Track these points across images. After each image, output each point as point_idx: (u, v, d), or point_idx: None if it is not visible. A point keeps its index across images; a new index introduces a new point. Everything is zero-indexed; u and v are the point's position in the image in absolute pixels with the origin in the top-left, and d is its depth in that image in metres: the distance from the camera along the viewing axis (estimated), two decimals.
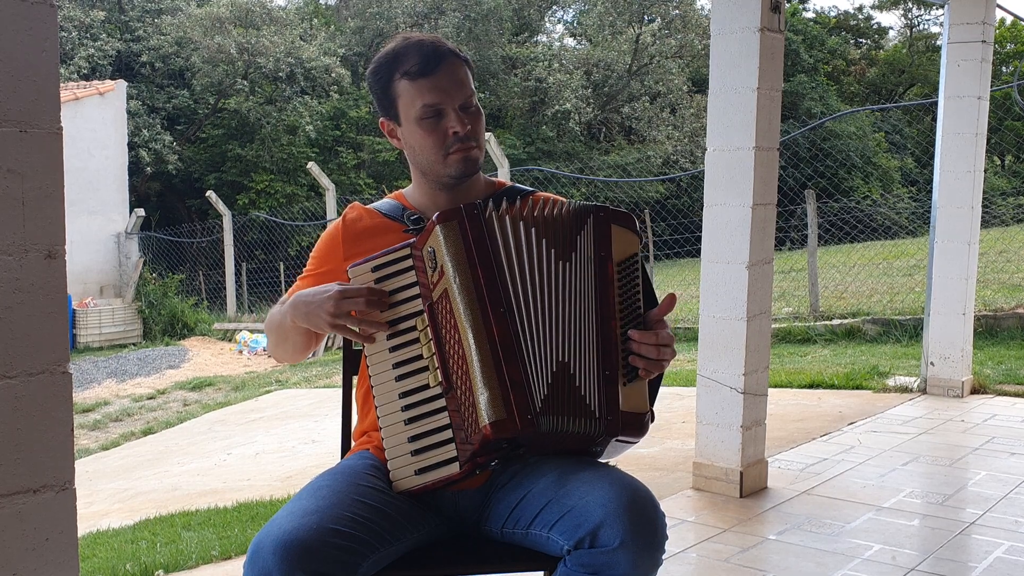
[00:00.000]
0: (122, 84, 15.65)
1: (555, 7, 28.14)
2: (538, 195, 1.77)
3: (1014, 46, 26.77)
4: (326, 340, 1.83)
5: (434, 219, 1.56)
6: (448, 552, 1.63)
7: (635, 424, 1.54)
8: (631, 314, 1.57)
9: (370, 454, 1.70)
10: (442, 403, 1.54)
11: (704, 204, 3.43)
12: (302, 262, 1.86)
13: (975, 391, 5.19)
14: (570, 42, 27.56)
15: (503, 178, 9.11)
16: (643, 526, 1.44)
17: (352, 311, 1.57)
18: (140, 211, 15.37)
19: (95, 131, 14.65)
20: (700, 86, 22.40)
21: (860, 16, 32.40)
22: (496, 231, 1.55)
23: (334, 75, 20.99)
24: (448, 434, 1.53)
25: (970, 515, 3.21)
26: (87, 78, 17.86)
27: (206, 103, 20.64)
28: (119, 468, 6.74)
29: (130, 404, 9.59)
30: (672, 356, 1.58)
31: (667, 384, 6.07)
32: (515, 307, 1.52)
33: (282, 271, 14.97)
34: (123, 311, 14.22)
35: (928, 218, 5.34)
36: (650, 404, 1.61)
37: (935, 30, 29.79)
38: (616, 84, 23.59)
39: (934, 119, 5.24)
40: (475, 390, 1.49)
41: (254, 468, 5.74)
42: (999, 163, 22.59)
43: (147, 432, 8.23)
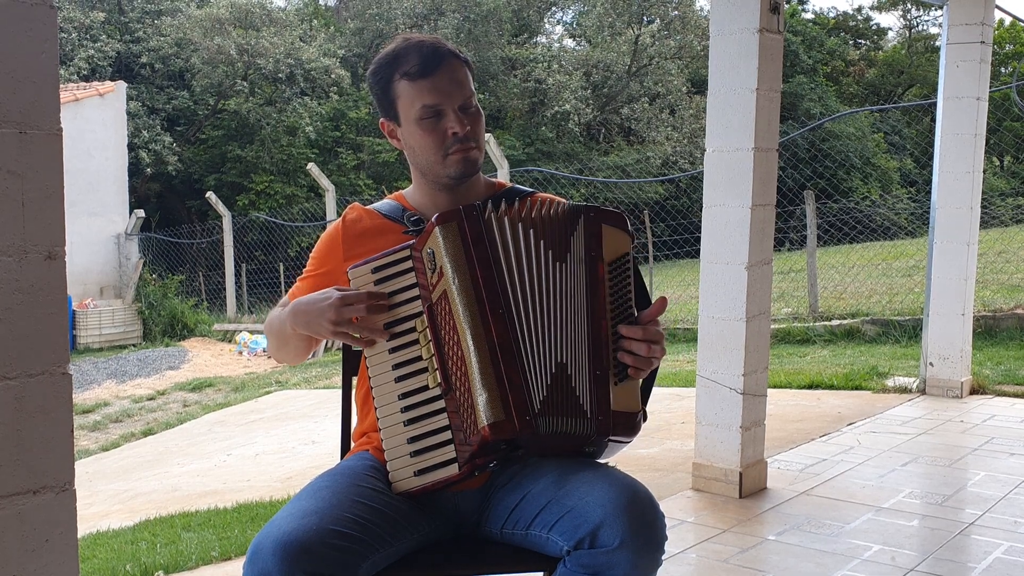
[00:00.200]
0: (122, 85, 15.64)
1: (554, 8, 28.15)
2: (538, 196, 1.78)
3: (1013, 47, 26.79)
4: (326, 341, 1.83)
5: (433, 220, 1.56)
6: (448, 553, 1.63)
7: (627, 424, 1.54)
8: (622, 313, 1.57)
9: (370, 455, 1.70)
10: (441, 404, 1.54)
11: (703, 205, 3.43)
12: (302, 263, 1.86)
13: (974, 392, 5.19)
14: (569, 43, 27.58)
15: (503, 179, 9.11)
16: (643, 526, 1.44)
17: (353, 317, 1.58)
18: (140, 212, 15.37)
19: (95, 132, 14.65)
20: (699, 87, 22.41)
21: (859, 17, 32.42)
22: (495, 232, 1.55)
23: (334, 76, 20.99)
24: (447, 435, 1.54)
25: (969, 515, 3.22)
26: (87, 79, 17.85)
27: (206, 104, 20.64)
28: (119, 469, 6.74)
29: (130, 405, 9.59)
30: (662, 354, 1.57)
31: (666, 384, 6.09)
32: (514, 308, 1.52)
33: (282, 272, 14.97)
34: (123, 312, 14.22)
35: (927, 219, 5.34)
36: (643, 404, 1.61)
37: (934, 31, 29.81)
38: (615, 85, 23.60)
39: (933, 120, 5.25)
40: (474, 391, 1.49)
41: (254, 469, 5.74)
42: (998, 164, 22.59)
43: (147, 433, 8.23)
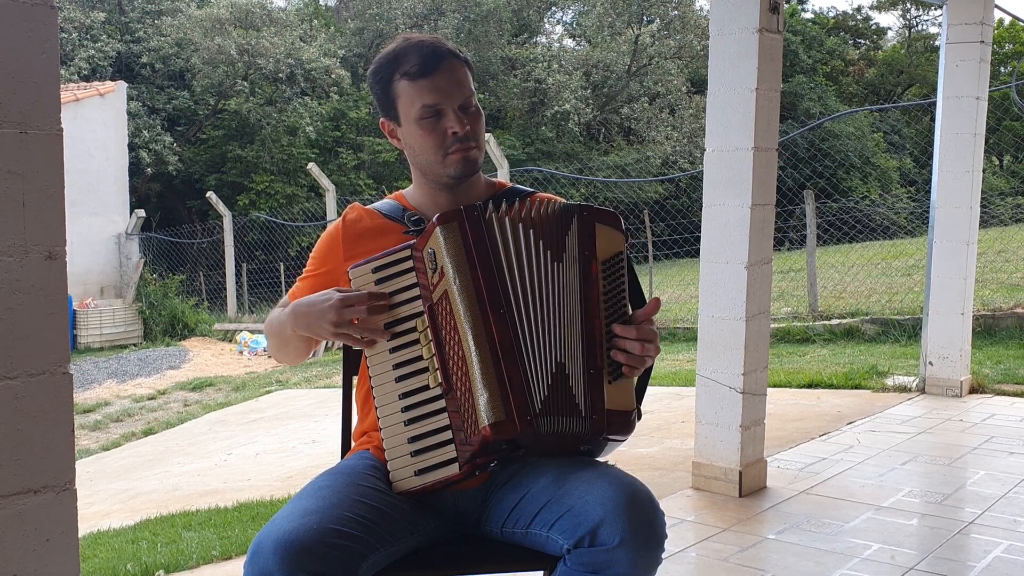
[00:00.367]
0: (122, 85, 15.65)
1: (554, 8, 28.15)
2: (537, 196, 1.78)
3: (1012, 46, 26.79)
4: (326, 341, 1.83)
5: (434, 220, 1.56)
6: (448, 552, 1.64)
7: (621, 422, 1.54)
8: (616, 312, 1.57)
9: (370, 454, 1.70)
10: (442, 404, 1.55)
11: (703, 204, 3.43)
12: (302, 263, 1.86)
13: (974, 391, 5.19)
14: (569, 43, 27.57)
15: (502, 179, 9.11)
16: (642, 524, 1.44)
17: (354, 319, 1.58)
18: (140, 212, 15.37)
19: (95, 132, 14.65)
20: (699, 87, 22.40)
21: (858, 17, 32.42)
22: (495, 232, 1.55)
23: (334, 76, 20.99)
24: (448, 435, 1.54)
25: (969, 514, 3.22)
26: (87, 79, 17.86)
27: (206, 104, 20.64)
28: (120, 468, 6.75)
29: (131, 404, 9.60)
30: (656, 352, 1.58)
31: (666, 384, 6.09)
32: (514, 309, 1.53)
33: (282, 272, 14.98)
34: (123, 312, 14.22)
35: (927, 218, 5.34)
36: (638, 403, 1.62)
37: (934, 30, 29.80)
38: (615, 85, 23.60)
39: (932, 119, 5.25)
40: (475, 391, 1.49)
41: (254, 468, 5.74)
42: (997, 163, 22.59)
43: (148, 432, 8.23)
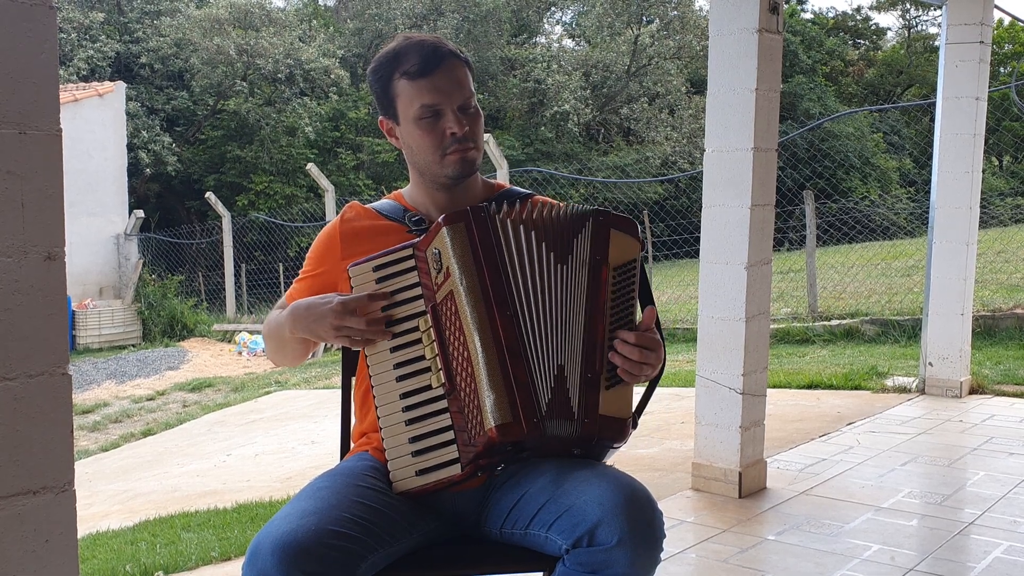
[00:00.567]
0: (121, 86, 15.65)
1: (554, 8, 28.17)
2: (536, 198, 1.78)
3: (1012, 47, 26.80)
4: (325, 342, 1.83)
5: (440, 220, 1.56)
6: (447, 553, 1.63)
7: (614, 429, 1.54)
8: (623, 319, 1.57)
9: (369, 455, 1.70)
10: (444, 404, 1.54)
11: (703, 205, 3.43)
12: (301, 263, 1.85)
13: (973, 391, 5.19)
14: (569, 43, 27.58)
15: (502, 179, 9.11)
16: (641, 524, 1.44)
17: (354, 321, 1.58)
18: (139, 212, 15.38)
19: (94, 133, 14.65)
20: (699, 87, 22.42)
21: (858, 17, 32.44)
22: (501, 234, 1.55)
23: (333, 76, 21.00)
24: (450, 435, 1.53)
25: (969, 515, 3.22)
26: (86, 80, 17.86)
27: (205, 104, 20.64)
28: (118, 469, 6.74)
29: (129, 405, 9.59)
30: (657, 361, 1.57)
31: (666, 384, 6.09)
32: (519, 310, 1.53)
33: (281, 272, 14.98)
34: (122, 312, 14.22)
35: (926, 218, 5.34)
36: (637, 413, 1.61)
37: (933, 31, 29.81)
38: (615, 85, 23.60)
39: (932, 120, 5.25)
40: (481, 392, 1.48)
41: (253, 469, 5.74)
42: (997, 163, 22.61)
43: (146, 433, 8.22)
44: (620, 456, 1.65)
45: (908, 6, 30.64)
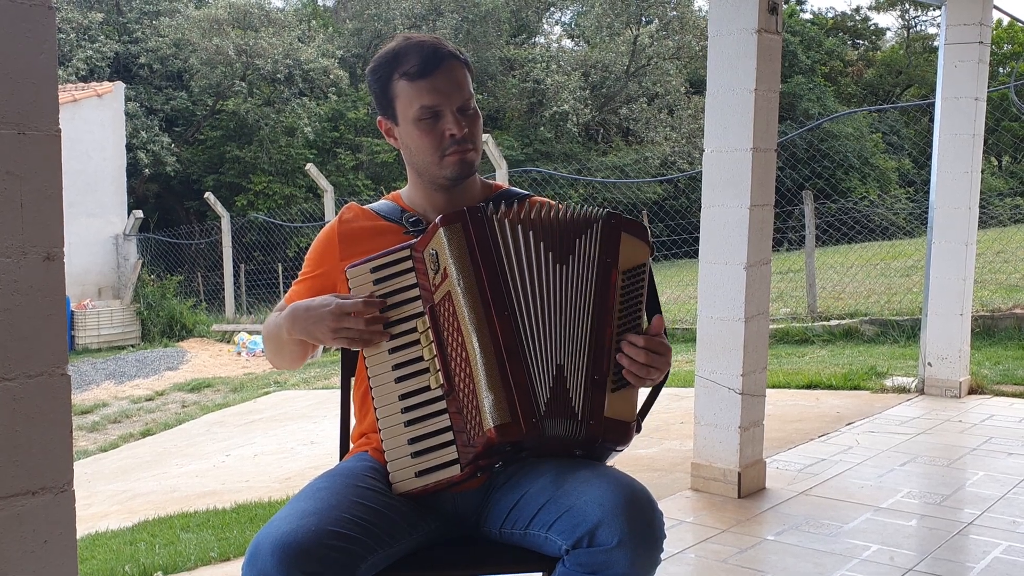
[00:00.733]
0: (120, 86, 15.64)
1: (553, 9, 28.17)
2: (535, 199, 1.78)
3: (1011, 47, 26.81)
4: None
5: (437, 221, 1.56)
6: (447, 553, 1.63)
7: (618, 431, 1.54)
8: (630, 323, 1.57)
9: (368, 456, 1.70)
10: (443, 405, 1.54)
11: (702, 205, 3.43)
12: (300, 263, 1.85)
13: (972, 391, 5.19)
14: (568, 44, 27.59)
15: (501, 179, 9.11)
16: (641, 525, 1.44)
17: (352, 323, 1.58)
18: (138, 213, 15.37)
19: (93, 133, 14.65)
20: (698, 87, 22.41)
21: (857, 17, 32.44)
22: (498, 234, 1.55)
23: (332, 77, 21.00)
24: (449, 436, 1.53)
25: (968, 515, 3.22)
26: (85, 80, 17.85)
27: (204, 105, 20.64)
28: (117, 470, 6.74)
29: (128, 406, 9.59)
30: (665, 366, 1.57)
31: (665, 384, 6.07)
32: (517, 310, 1.53)
33: (280, 272, 14.97)
34: (121, 313, 14.21)
35: (925, 219, 5.34)
36: (641, 416, 1.61)
37: (932, 31, 29.82)
38: (614, 85, 23.61)
39: (931, 120, 5.25)
40: (479, 393, 1.49)
41: (253, 469, 5.74)
42: (996, 164, 22.62)
43: (145, 434, 8.22)
44: (619, 456, 1.65)
45: (907, 6, 30.66)
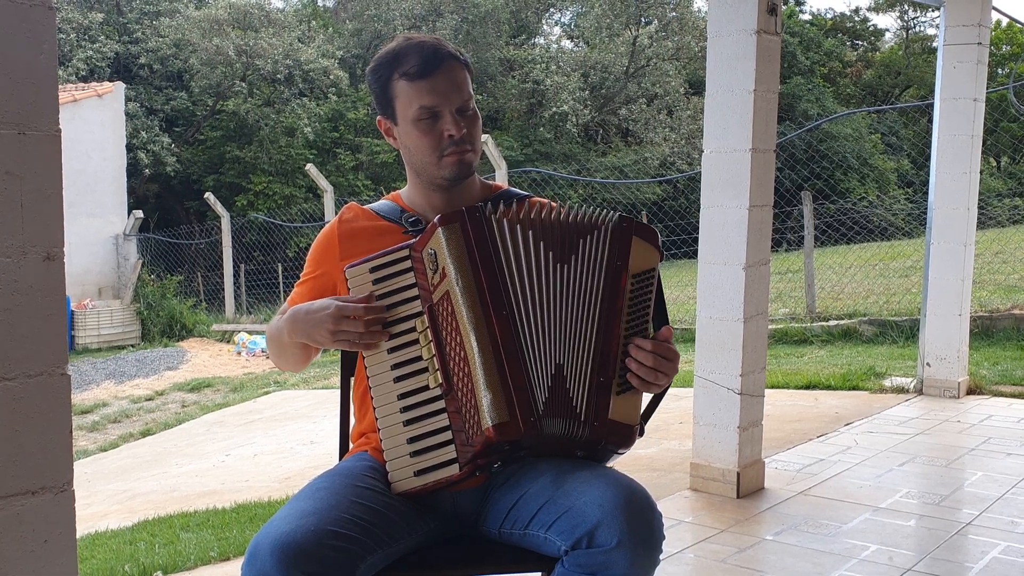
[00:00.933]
0: (120, 86, 15.64)
1: (552, 9, 28.15)
2: (534, 200, 1.78)
3: (1010, 48, 26.81)
4: None
5: (436, 221, 1.56)
6: (446, 553, 1.64)
7: (621, 434, 1.54)
8: (638, 327, 1.57)
9: (368, 456, 1.70)
10: (442, 404, 1.55)
11: (701, 206, 3.43)
12: (300, 263, 1.86)
13: (971, 392, 5.20)
14: (567, 44, 27.58)
15: (501, 180, 9.11)
16: (640, 526, 1.44)
17: (351, 327, 1.58)
18: (138, 213, 15.37)
19: (93, 133, 14.65)
20: (697, 88, 22.41)
21: (856, 18, 32.43)
22: (496, 234, 1.56)
23: (332, 77, 20.99)
24: (448, 435, 1.54)
25: (966, 515, 3.22)
26: (85, 80, 17.84)
27: (204, 105, 20.63)
28: (117, 469, 6.74)
29: (128, 405, 9.59)
30: (672, 372, 1.57)
31: None
32: (515, 309, 1.53)
33: (280, 273, 14.97)
34: (121, 312, 14.21)
35: (924, 219, 5.35)
36: (644, 420, 1.62)
37: (931, 32, 29.83)
38: (613, 86, 23.60)
39: (930, 121, 5.26)
40: (477, 392, 1.49)
41: (252, 469, 5.74)
42: (995, 164, 22.60)
43: (145, 433, 8.22)
44: (619, 457, 1.65)
45: (906, 7, 30.66)
